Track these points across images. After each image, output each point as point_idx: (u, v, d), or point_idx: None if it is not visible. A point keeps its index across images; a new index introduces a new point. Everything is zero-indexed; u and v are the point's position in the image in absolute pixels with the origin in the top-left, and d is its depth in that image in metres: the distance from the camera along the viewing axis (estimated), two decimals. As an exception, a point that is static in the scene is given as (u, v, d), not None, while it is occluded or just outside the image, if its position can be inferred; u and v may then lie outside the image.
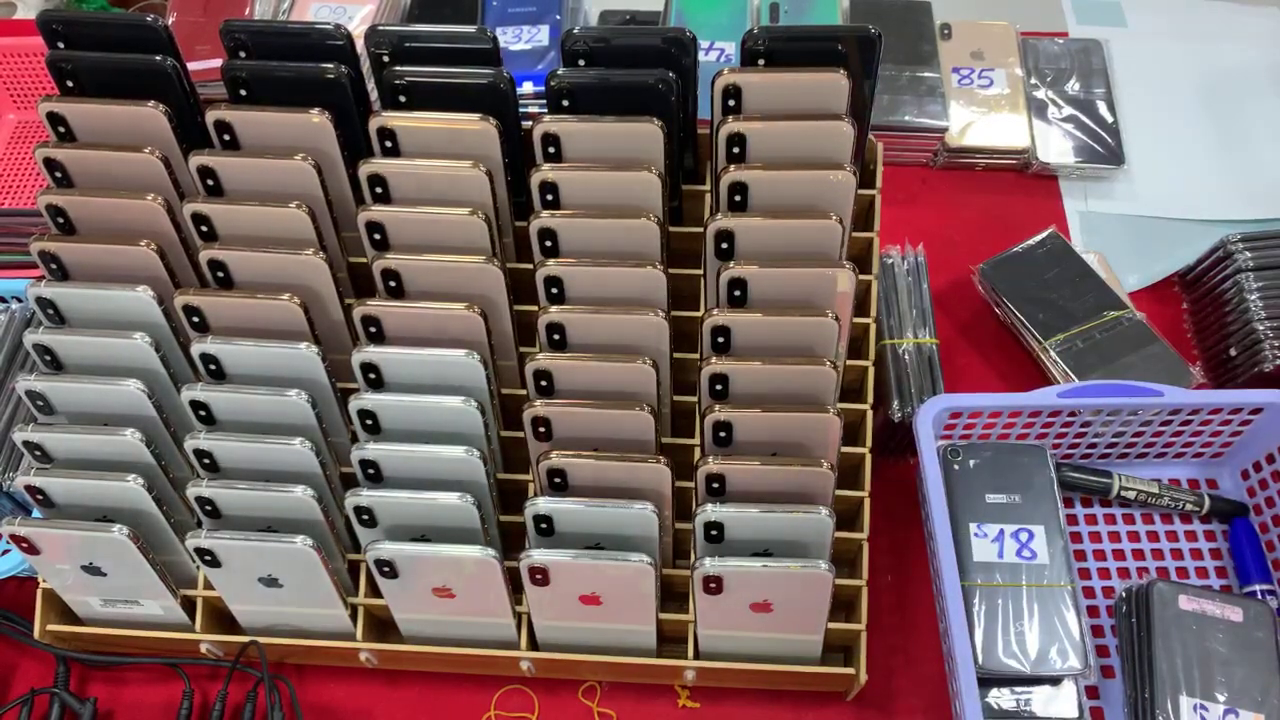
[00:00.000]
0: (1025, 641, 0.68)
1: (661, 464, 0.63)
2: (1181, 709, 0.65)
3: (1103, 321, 0.83)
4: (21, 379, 0.64)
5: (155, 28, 0.67)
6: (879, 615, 0.75)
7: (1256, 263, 0.83)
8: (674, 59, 0.68)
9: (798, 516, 0.61)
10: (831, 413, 0.62)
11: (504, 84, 0.68)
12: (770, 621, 0.65)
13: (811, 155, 0.66)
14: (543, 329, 0.65)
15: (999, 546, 0.72)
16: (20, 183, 1.00)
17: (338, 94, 0.68)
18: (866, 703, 0.73)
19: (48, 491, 0.64)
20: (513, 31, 1.02)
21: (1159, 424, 0.77)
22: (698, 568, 0.61)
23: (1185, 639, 0.67)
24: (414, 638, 0.71)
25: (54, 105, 0.67)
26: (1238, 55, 1.06)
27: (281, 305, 0.64)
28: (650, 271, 0.65)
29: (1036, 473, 0.75)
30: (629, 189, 0.66)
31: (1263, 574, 0.75)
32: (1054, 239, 0.89)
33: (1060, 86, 1.01)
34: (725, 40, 1.00)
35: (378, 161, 0.67)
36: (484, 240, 0.66)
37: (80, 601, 0.71)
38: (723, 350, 0.65)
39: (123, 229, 0.66)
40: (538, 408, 0.64)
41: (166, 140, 0.67)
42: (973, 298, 0.90)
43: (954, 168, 1.00)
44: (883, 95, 0.97)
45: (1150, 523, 0.80)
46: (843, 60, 0.66)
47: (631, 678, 0.73)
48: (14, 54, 1.00)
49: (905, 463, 0.83)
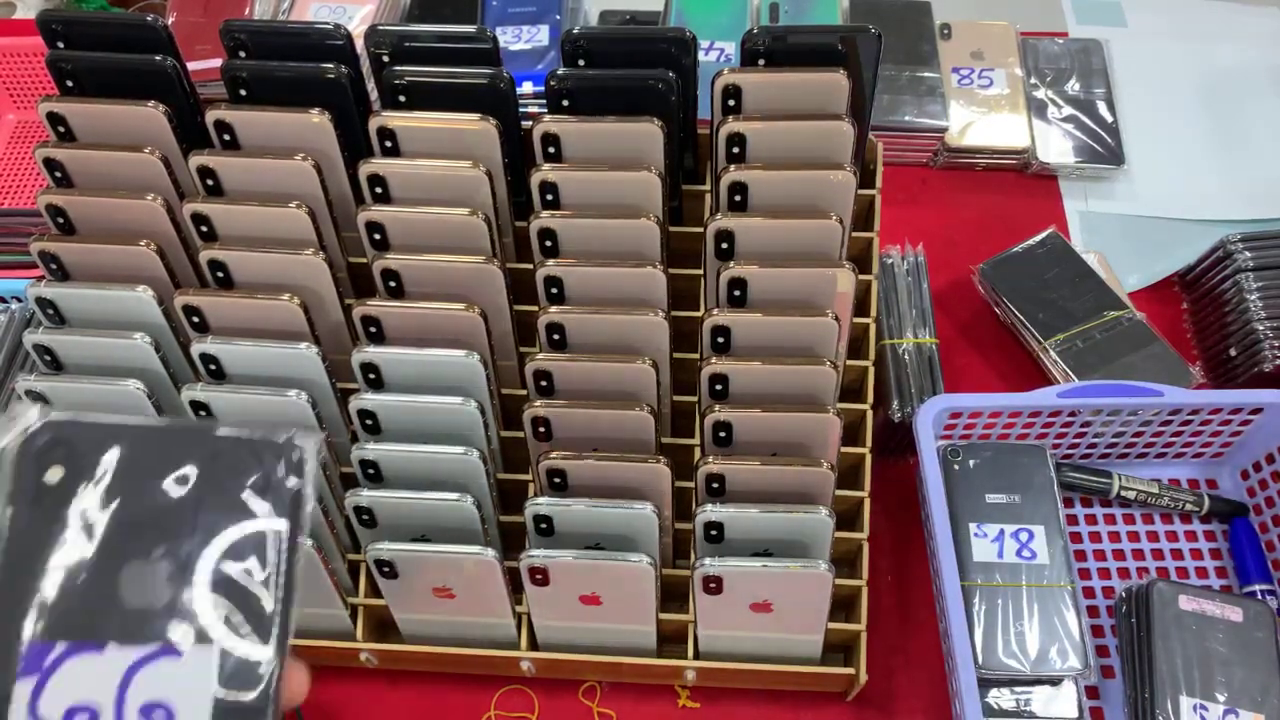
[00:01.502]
0: (1025, 641, 0.68)
1: (661, 464, 0.63)
2: (1181, 709, 0.65)
3: (1103, 321, 0.83)
4: (21, 379, 0.64)
5: (155, 28, 0.67)
6: (879, 615, 0.75)
7: (1256, 263, 0.83)
8: (674, 59, 0.68)
9: (798, 516, 0.61)
10: (831, 413, 0.62)
11: (504, 84, 0.67)
12: (770, 621, 0.65)
13: (811, 155, 0.66)
14: (543, 329, 0.65)
15: (999, 546, 0.72)
16: (20, 183, 1.00)
17: (338, 94, 0.68)
18: (866, 703, 0.73)
19: (47, 492, 0.64)
20: (513, 31, 1.02)
21: (1159, 424, 0.77)
22: (698, 568, 0.61)
23: (1185, 639, 0.67)
24: (414, 638, 0.71)
25: (54, 105, 0.66)
26: (1238, 55, 1.06)
27: (281, 305, 0.64)
28: (650, 271, 0.65)
29: (1036, 473, 0.75)
30: (629, 189, 0.66)
31: (1263, 574, 0.75)
32: (1054, 239, 0.89)
33: (1060, 86, 1.01)
34: (725, 40, 1.00)
35: (378, 161, 0.66)
36: (484, 240, 0.66)
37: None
38: (723, 350, 0.65)
39: (123, 229, 0.66)
40: (538, 408, 0.64)
41: (166, 140, 0.67)
42: (973, 298, 0.90)
43: (954, 168, 1.00)
44: (883, 95, 0.97)
45: (1150, 523, 0.80)
46: (843, 60, 0.66)
47: (631, 678, 0.73)
48: (14, 54, 1.00)
49: (905, 463, 0.83)
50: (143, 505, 0.32)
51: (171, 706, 0.30)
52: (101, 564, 0.31)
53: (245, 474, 0.33)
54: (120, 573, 0.31)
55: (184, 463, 0.32)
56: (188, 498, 0.32)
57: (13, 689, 0.30)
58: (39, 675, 0.30)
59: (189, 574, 0.32)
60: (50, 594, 0.30)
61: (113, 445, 0.32)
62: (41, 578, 0.31)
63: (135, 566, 0.31)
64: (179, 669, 0.31)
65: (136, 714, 0.30)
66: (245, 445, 0.33)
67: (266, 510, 0.33)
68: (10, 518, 0.31)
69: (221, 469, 0.33)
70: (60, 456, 0.31)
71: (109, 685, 0.30)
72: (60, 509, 0.31)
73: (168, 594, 0.31)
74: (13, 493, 0.31)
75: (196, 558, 0.32)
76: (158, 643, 0.31)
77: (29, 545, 0.31)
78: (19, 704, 0.30)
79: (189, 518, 0.32)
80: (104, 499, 0.31)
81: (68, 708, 0.30)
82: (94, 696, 0.30)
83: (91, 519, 0.31)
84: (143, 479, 0.32)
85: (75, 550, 0.31)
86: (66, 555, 0.31)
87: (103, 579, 0.31)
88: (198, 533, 0.32)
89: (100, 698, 0.30)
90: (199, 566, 0.32)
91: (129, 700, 0.30)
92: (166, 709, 0.30)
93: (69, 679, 0.30)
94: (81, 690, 0.30)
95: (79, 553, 0.31)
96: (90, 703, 0.30)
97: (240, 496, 0.33)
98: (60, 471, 0.31)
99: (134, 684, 0.30)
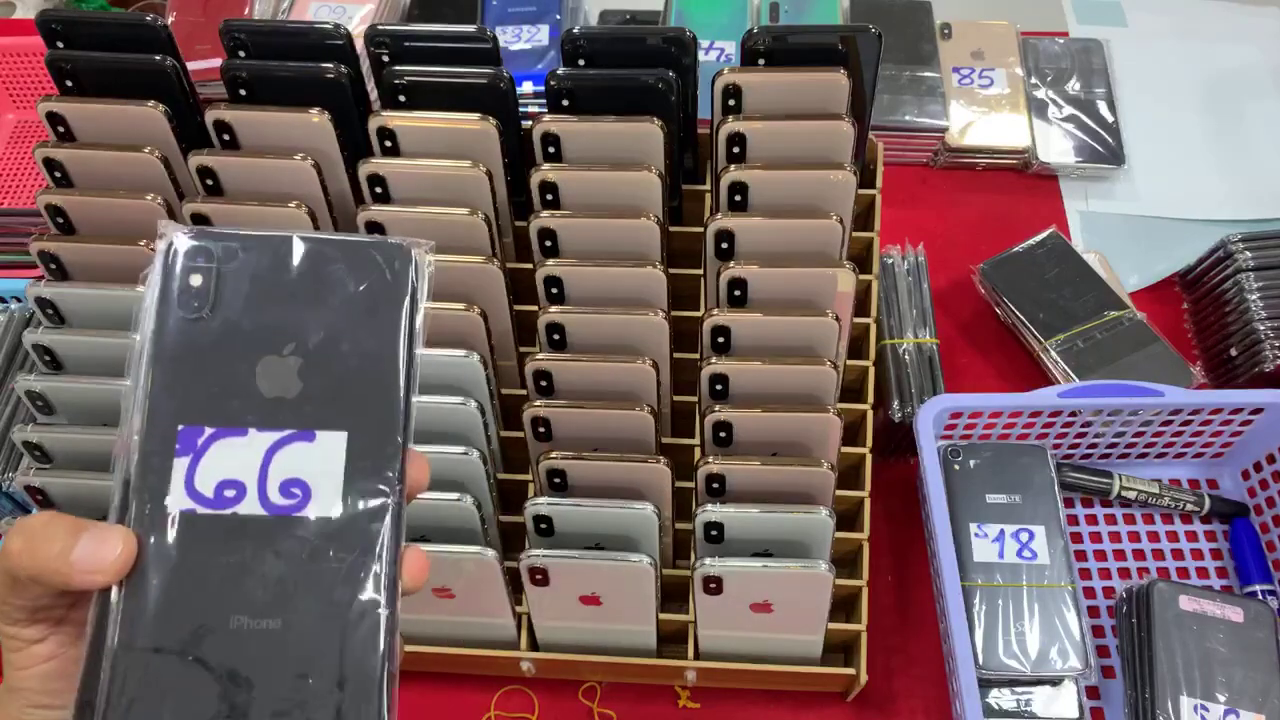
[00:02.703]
0: (1026, 642, 0.68)
1: (661, 464, 0.63)
2: (1182, 709, 0.65)
3: (1103, 321, 0.83)
4: (21, 379, 0.64)
5: (155, 27, 0.67)
6: (879, 615, 0.75)
7: (1257, 263, 0.83)
8: (674, 59, 0.68)
9: (798, 516, 0.61)
10: (831, 413, 0.62)
11: (504, 84, 0.67)
12: (770, 622, 0.65)
13: (812, 155, 0.66)
14: (543, 329, 0.65)
15: (999, 547, 0.72)
16: (20, 183, 1.00)
17: (337, 94, 0.68)
18: (866, 703, 0.73)
19: (47, 491, 0.64)
20: (513, 31, 1.02)
21: (1159, 424, 0.77)
22: (698, 568, 0.61)
23: (1186, 639, 0.67)
24: (414, 638, 0.71)
25: (53, 105, 0.66)
26: (1238, 55, 1.06)
27: (281, 305, 0.64)
28: (650, 271, 0.65)
29: (1037, 473, 0.75)
30: (629, 189, 0.66)
31: (1263, 574, 0.75)
32: (1054, 239, 0.89)
33: (1061, 86, 1.01)
34: (725, 40, 1.00)
35: (377, 161, 0.66)
36: (484, 240, 0.66)
37: (80, 601, 0.71)
38: (723, 350, 0.65)
39: (122, 229, 0.66)
40: (538, 408, 0.64)
41: (166, 140, 0.67)
42: (973, 298, 0.90)
43: (954, 167, 1.00)
44: (883, 95, 0.97)
45: (1150, 523, 0.80)
46: (843, 60, 0.66)
47: (631, 678, 0.73)
48: (13, 54, 1.00)
49: (905, 463, 0.83)
50: (277, 305, 0.36)
51: (307, 483, 0.35)
52: (241, 357, 0.35)
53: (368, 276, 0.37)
54: (257, 365, 0.35)
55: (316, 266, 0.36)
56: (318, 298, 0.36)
57: (171, 464, 0.34)
58: (192, 454, 0.34)
59: (319, 367, 0.36)
60: (199, 385, 0.35)
61: (250, 252, 0.36)
62: (190, 371, 0.35)
63: (270, 361, 0.36)
64: (312, 451, 0.35)
65: (277, 489, 0.35)
66: (369, 249, 0.37)
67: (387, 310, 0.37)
68: (159, 317, 0.35)
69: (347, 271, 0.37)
70: (202, 263, 0.36)
71: (252, 464, 0.35)
72: (202, 309, 0.36)
73: (299, 385, 0.35)
74: (161, 295, 0.35)
75: (327, 353, 0.36)
76: (292, 428, 0.35)
77: (178, 342, 0.35)
78: (177, 478, 0.34)
79: (319, 317, 0.36)
80: (242, 301, 0.36)
81: (218, 482, 0.34)
82: (240, 474, 0.35)
83: (231, 317, 0.36)
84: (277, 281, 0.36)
85: (217, 346, 0.35)
86: (210, 350, 0.35)
87: (242, 371, 0.35)
88: (326, 330, 0.36)
89: (245, 475, 0.35)
90: (328, 360, 0.36)
91: (270, 476, 0.35)
92: (303, 485, 0.35)
93: (217, 459, 0.35)
94: (229, 468, 0.35)
95: (221, 348, 0.35)
96: (236, 479, 0.35)
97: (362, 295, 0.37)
98: (201, 277, 0.36)
99: (273, 463, 0.35)
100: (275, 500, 0.35)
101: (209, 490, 0.34)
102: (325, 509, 0.35)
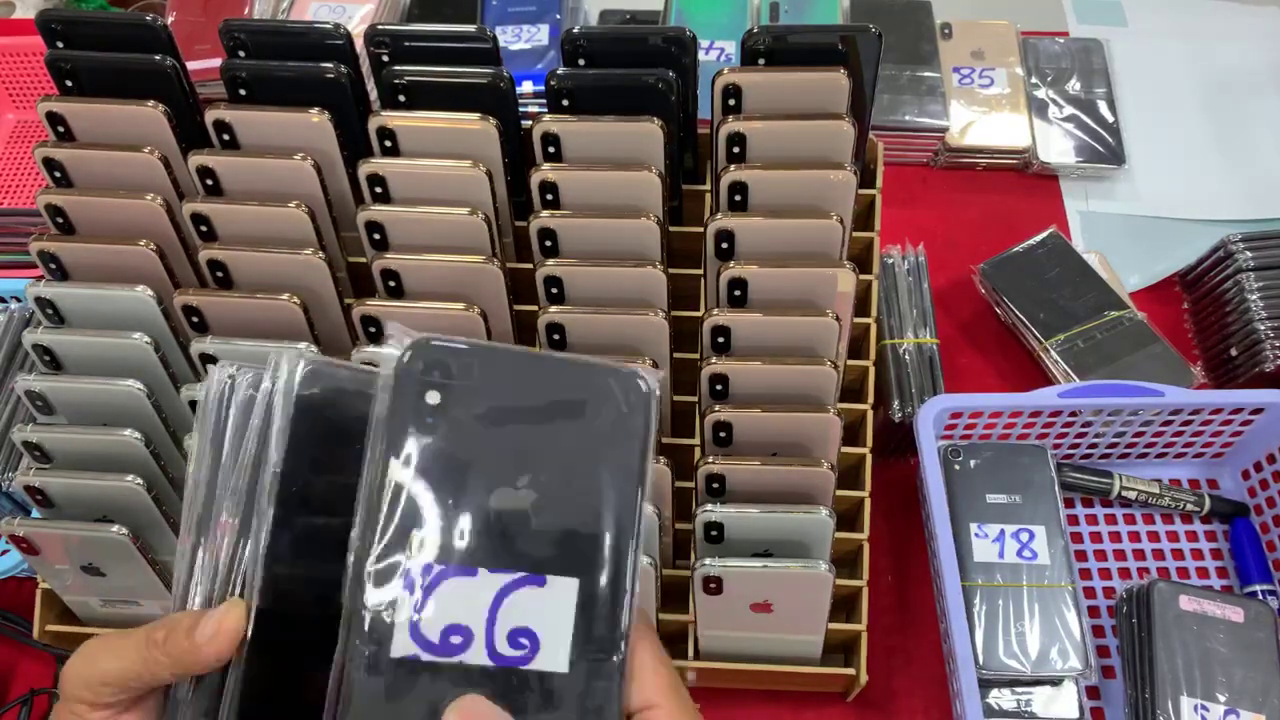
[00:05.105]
0: (1026, 642, 0.68)
1: (661, 464, 0.63)
2: (1182, 709, 0.65)
3: (1103, 321, 0.83)
4: (21, 379, 0.64)
5: (155, 27, 0.67)
6: (879, 615, 0.75)
7: (1257, 263, 0.83)
8: (674, 59, 0.68)
9: (798, 516, 0.61)
10: (832, 413, 0.62)
11: (504, 84, 0.67)
12: (770, 622, 0.65)
13: (812, 155, 0.65)
14: (543, 329, 0.65)
15: (999, 547, 0.72)
16: (20, 183, 1.00)
17: (337, 94, 0.68)
18: (866, 703, 0.73)
19: (47, 491, 0.64)
20: (513, 31, 1.02)
21: (1159, 424, 0.77)
22: (698, 568, 0.61)
23: (1186, 639, 0.67)
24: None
25: (53, 105, 0.66)
26: (1238, 55, 1.06)
27: (281, 305, 0.64)
28: (650, 271, 0.65)
29: (1037, 473, 0.75)
30: (629, 189, 0.66)
31: (1263, 574, 0.75)
32: (1054, 239, 0.89)
33: (1061, 86, 1.01)
34: (725, 40, 0.99)
35: (377, 161, 0.66)
36: (484, 240, 0.66)
37: (80, 602, 0.71)
38: (723, 350, 0.65)
39: (122, 229, 0.66)
40: (538, 408, 0.64)
41: (166, 140, 0.67)
42: (973, 298, 0.90)
43: (954, 167, 1.00)
44: (883, 95, 0.97)
45: (1151, 523, 0.80)
46: (843, 59, 0.66)
47: (631, 678, 0.73)
48: (13, 54, 1.00)
49: (905, 463, 0.83)
50: (514, 432, 0.32)
51: (537, 634, 0.31)
52: (474, 488, 0.31)
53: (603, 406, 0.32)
54: (489, 498, 0.31)
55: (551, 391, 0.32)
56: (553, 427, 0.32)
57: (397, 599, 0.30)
58: (420, 594, 0.30)
59: (552, 504, 0.32)
60: (429, 516, 0.31)
61: (485, 367, 0.32)
62: (421, 499, 0.31)
63: (504, 493, 0.31)
64: (543, 597, 0.31)
65: (505, 639, 0.31)
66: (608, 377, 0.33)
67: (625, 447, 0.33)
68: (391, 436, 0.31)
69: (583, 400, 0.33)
70: (438, 378, 0.32)
71: (480, 609, 0.31)
72: (438, 429, 0.31)
73: (531, 522, 0.31)
74: (394, 413, 0.31)
75: (560, 489, 0.32)
76: (524, 570, 0.31)
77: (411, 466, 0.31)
78: (401, 619, 0.30)
79: (554, 448, 0.32)
80: (477, 423, 0.32)
81: (444, 627, 0.30)
82: (467, 619, 0.31)
83: (467, 441, 0.31)
84: (512, 404, 0.32)
85: (450, 473, 0.31)
86: (443, 477, 0.31)
87: (475, 503, 0.31)
88: (561, 464, 0.32)
89: (472, 621, 0.31)
90: (562, 498, 0.32)
91: (499, 624, 0.31)
92: (532, 636, 0.31)
93: (445, 600, 0.31)
94: (457, 612, 0.31)
95: (453, 475, 0.31)
96: (464, 625, 0.31)
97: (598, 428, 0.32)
98: (438, 395, 0.31)
99: (503, 609, 0.31)
100: (502, 650, 0.31)
101: (435, 636, 0.30)
102: (552, 663, 0.31)
